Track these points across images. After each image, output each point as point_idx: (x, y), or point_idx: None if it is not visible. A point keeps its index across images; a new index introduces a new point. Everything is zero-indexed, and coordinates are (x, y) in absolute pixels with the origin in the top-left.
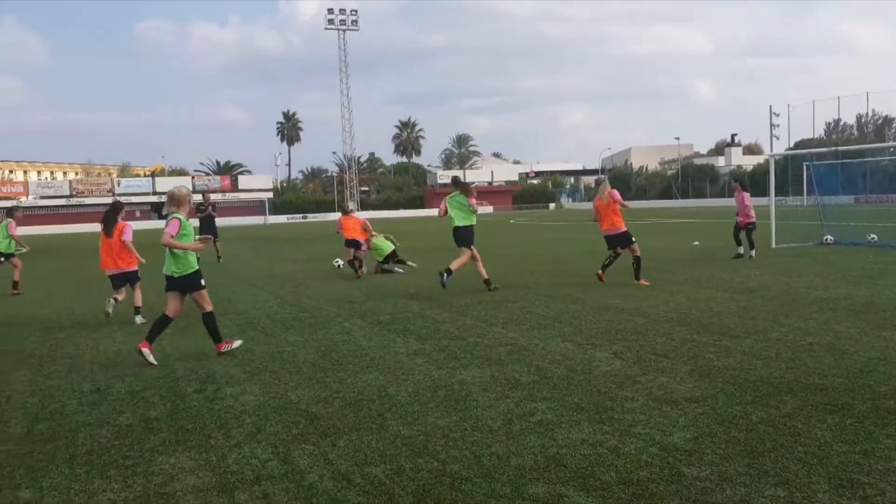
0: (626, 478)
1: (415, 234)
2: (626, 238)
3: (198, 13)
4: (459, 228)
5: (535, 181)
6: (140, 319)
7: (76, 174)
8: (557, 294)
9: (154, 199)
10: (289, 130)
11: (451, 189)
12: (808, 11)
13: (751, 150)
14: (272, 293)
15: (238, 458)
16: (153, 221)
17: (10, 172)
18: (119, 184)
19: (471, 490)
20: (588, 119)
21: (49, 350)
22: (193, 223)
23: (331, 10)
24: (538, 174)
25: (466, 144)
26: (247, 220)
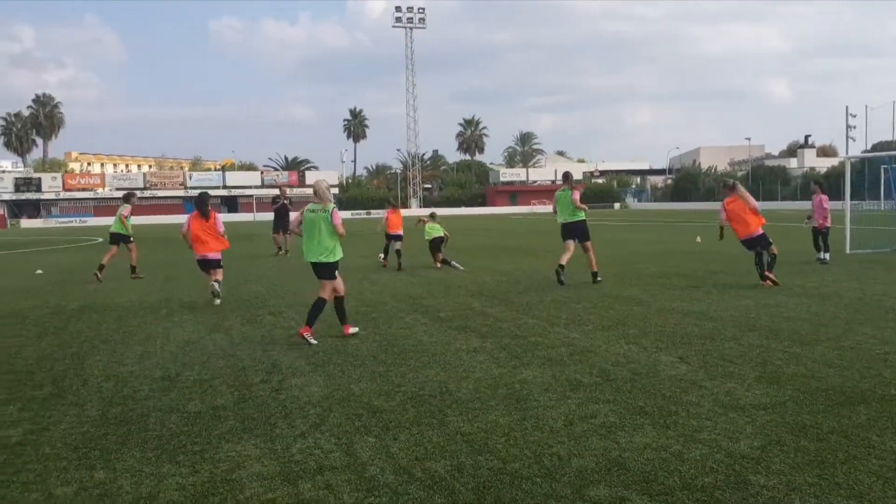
0: (691, 483)
1: (475, 232)
2: (765, 240)
3: (268, 12)
4: (566, 224)
5: (601, 180)
6: (217, 301)
7: (150, 167)
8: (621, 295)
9: (224, 193)
10: (355, 127)
11: (562, 185)
12: (888, 10)
13: (825, 153)
14: None
15: (302, 448)
16: (223, 214)
17: (88, 165)
18: (191, 177)
19: (531, 489)
20: (655, 118)
21: (122, 337)
22: (269, 216)
23: (398, 9)
24: (603, 173)
25: (530, 142)
26: None
